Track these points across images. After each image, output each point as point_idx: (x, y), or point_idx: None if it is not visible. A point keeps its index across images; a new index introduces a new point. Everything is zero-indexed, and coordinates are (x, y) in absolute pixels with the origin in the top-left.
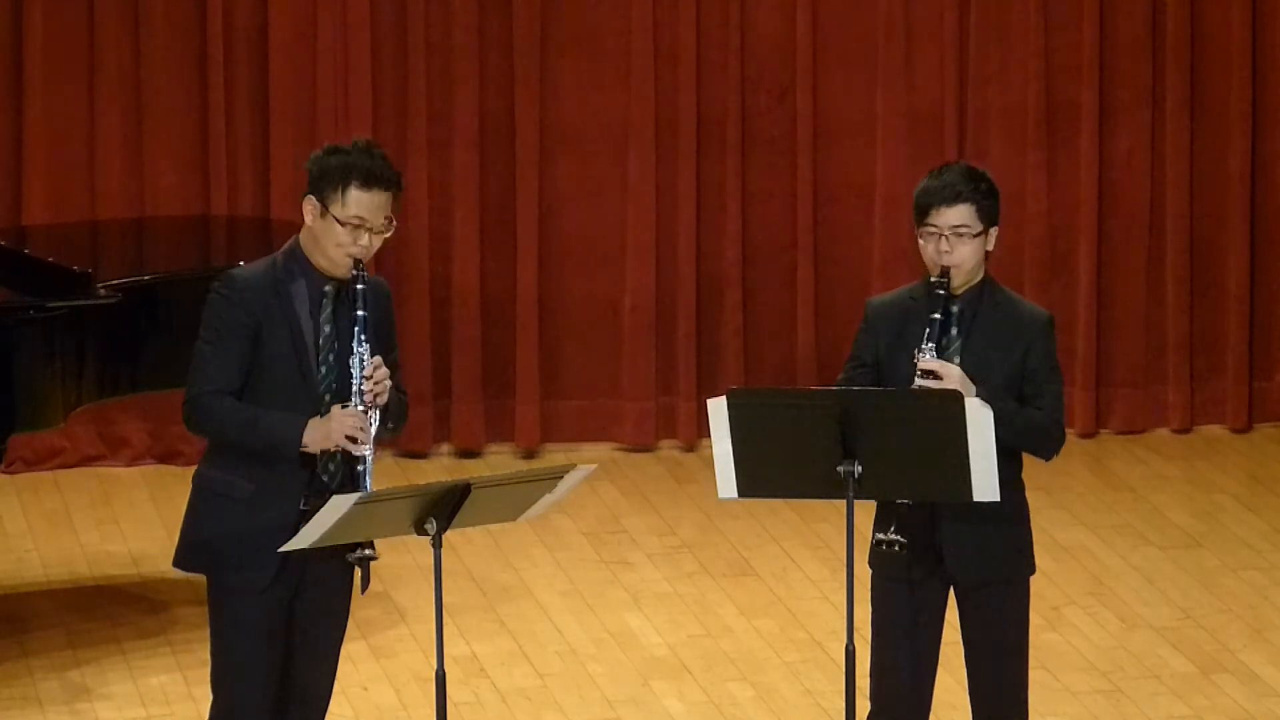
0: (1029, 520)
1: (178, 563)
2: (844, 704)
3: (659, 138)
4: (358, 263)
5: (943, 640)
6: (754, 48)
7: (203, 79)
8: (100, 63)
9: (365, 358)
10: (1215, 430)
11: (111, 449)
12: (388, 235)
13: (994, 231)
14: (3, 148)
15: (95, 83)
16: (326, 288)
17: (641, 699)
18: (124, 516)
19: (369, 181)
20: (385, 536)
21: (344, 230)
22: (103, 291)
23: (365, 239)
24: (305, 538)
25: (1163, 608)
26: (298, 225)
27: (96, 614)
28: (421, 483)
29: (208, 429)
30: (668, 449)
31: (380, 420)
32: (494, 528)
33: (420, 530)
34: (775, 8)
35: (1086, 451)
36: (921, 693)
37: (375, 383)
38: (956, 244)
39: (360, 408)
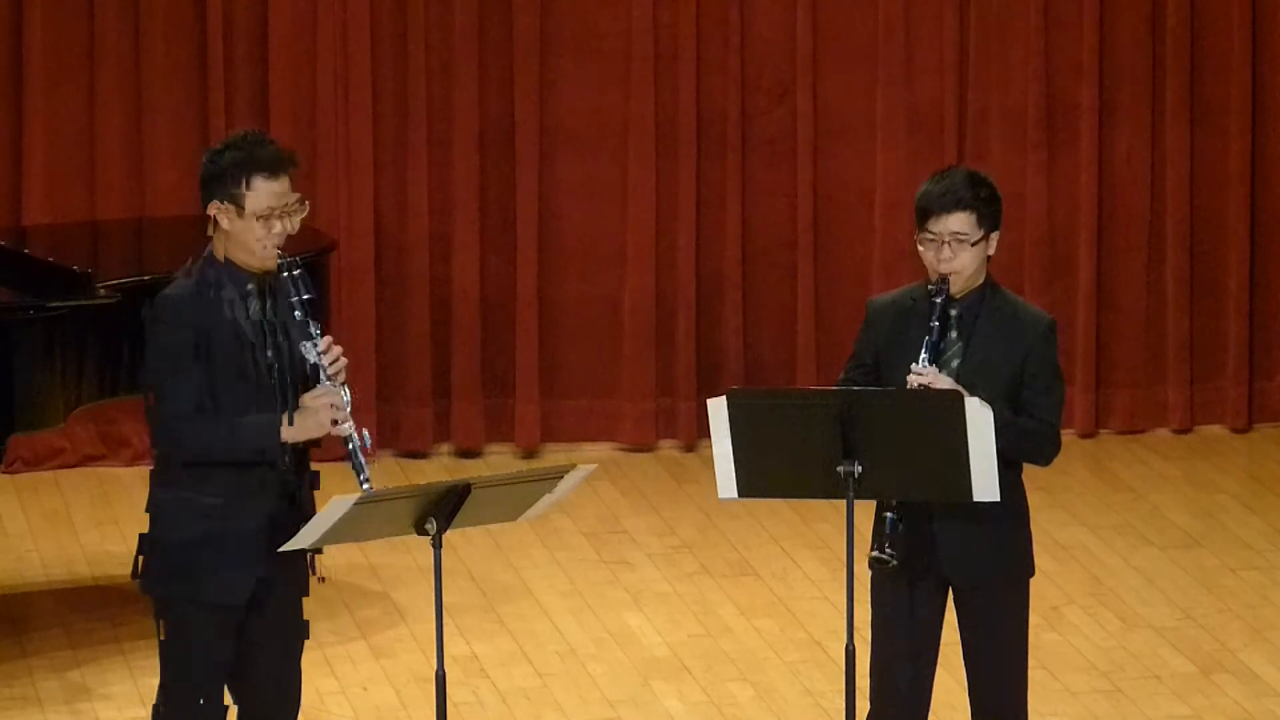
0: (1028, 522)
1: (149, 586)
2: (844, 704)
3: (659, 138)
4: (283, 251)
5: (942, 640)
6: (754, 48)
7: (203, 79)
8: (100, 63)
9: (316, 339)
10: (1215, 430)
11: (111, 449)
12: (304, 214)
13: (995, 236)
14: (3, 148)
15: (95, 83)
16: (249, 286)
17: (641, 699)
18: (124, 516)
19: (273, 170)
20: (385, 536)
21: (261, 223)
22: (103, 291)
23: (283, 225)
24: (305, 538)
25: (1163, 608)
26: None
27: (96, 614)
28: (421, 483)
29: (187, 453)
30: (668, 449)
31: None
32: (494, 528)
33: (420, 530)
34: (775, 8)
35: (1086, 451)
36: (921, 693)
37: (333, 360)
38: (957, 250)
39: (330, 385)
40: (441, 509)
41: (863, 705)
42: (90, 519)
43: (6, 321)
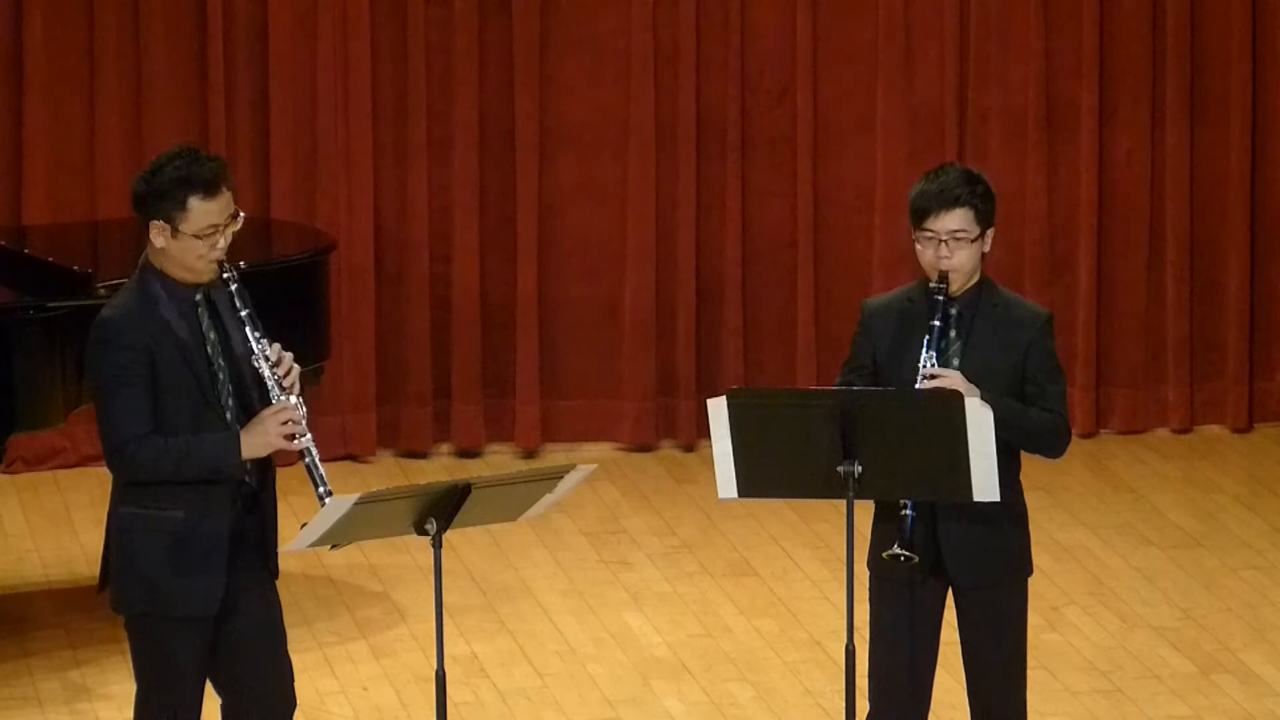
0: (1028, 521)
1: (119, 607)
2: (844, 704)
3: (659, 138)
4: (223, 264)
5: (942, 640)
6: (754, 48)
7: (203, 79)
8: (100, 63)
9: (266, 351)
10: (1215, 430)
11: None
12: (237, 227)
13: (990, 233)
14: (3, 148)
15: (95, 83)
16: (197, 297)
17: (641, 699)
18: None
19: (209, 190)
20: (385, 536)
21: (201, 242)
22: (103, 291)
23: (221, 241)
24: (305, 539)
25: (1163, 608)
26: (299, 225)
27: (96, 614)
28: (421, 483)
29: (142, 474)
30: (668, 449)
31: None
32: (494, 528)
33: (420, 530)
34: (775, 8)
35: (1086, 451)
36: (921, 693)
37: (285, 371)
38: (955, 248)
39: (284, 398)
40: (441, 509)
41: (863, 705)
42: (90, 519)
43: (6, 321)
